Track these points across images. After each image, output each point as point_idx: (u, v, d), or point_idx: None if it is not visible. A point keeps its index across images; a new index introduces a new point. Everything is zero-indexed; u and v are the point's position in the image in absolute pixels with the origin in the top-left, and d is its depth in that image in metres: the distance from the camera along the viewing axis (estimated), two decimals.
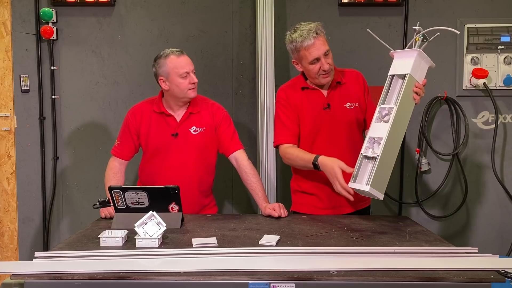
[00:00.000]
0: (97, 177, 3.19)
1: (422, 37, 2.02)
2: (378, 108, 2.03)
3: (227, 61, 3.19)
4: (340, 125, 2.29)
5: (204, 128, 2.43)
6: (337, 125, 2.29)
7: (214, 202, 2.59)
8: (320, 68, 2.20)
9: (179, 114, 2.43)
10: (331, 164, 2.07)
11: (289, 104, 2.32)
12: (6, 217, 3.25)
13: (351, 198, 2.02)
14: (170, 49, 2.38)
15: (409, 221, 2.24)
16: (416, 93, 2.01)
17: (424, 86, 2.03)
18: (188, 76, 2.33)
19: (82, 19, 3.17)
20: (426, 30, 2.02)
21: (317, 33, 2.16)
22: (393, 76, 2.05)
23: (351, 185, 1.99)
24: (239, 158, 2.43)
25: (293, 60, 2.29)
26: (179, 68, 2.32)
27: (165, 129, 2.41)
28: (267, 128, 2.98)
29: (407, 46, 2.06)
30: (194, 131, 2.42)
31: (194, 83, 2.35)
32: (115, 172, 2.45)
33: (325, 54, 2.19)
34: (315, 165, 2.14)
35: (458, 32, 2.07)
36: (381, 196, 1.95)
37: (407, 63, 2.00)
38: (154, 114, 2.43)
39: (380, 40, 2.09)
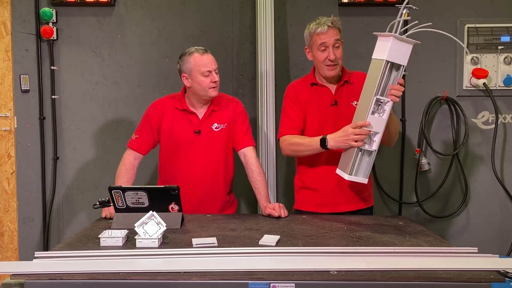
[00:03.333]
0: (97, 177, 3.20)
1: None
2: (374, 99, 2.01)
3: (227, 61, 3.19)
4: (346, 122, 2.29)
5: (226, 124, 2.45)
6: (343, 122, 2.29)
7: (234, 197, 2.61)
8: (326, 57, 2.27)
9: (201, 112, 2.45)
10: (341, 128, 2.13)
11: (298, 100, 2.38)
12: (6, 217, 3.25)
13: (367, 123, 2.02)
14: (195, 47, 2.41)
15: (409, 221, 2.25)
16: (394, 94, 2.00)
17: (401, 85, 2.01)
18: (210, 75, 2.35)
19: (82, 19, 3.17)
20: (424, 28, 2.02)
21: (332, 24, 2.27)
22: (388, 62, 1.99)
23: (339, 172, 2.12)
24: (248, 154, 2.45)
25: (306, 47, 2.39)
26: (201, 66, 2.35)
27: (187, 126, 2.43)
28: (267, 128, 2.98)
29: (387, 28, 2.05)
30: (216, 128, 2.44)
31: (215, 82, 2.36)
32: (128, 168, 2.44)
33: (335, 46, 2.28)
34: (323, 141, 2.17)
35: (467, 50, 2.04)
36: (365, 181, 2.07)
37: (384, 48, 1.99)
38: (176, 111, 2.45)
39: (399, 29, 2.05)
